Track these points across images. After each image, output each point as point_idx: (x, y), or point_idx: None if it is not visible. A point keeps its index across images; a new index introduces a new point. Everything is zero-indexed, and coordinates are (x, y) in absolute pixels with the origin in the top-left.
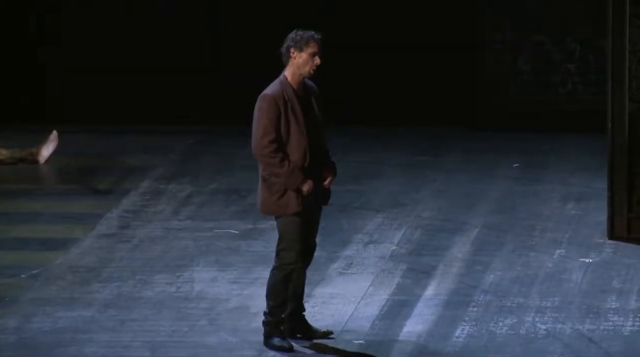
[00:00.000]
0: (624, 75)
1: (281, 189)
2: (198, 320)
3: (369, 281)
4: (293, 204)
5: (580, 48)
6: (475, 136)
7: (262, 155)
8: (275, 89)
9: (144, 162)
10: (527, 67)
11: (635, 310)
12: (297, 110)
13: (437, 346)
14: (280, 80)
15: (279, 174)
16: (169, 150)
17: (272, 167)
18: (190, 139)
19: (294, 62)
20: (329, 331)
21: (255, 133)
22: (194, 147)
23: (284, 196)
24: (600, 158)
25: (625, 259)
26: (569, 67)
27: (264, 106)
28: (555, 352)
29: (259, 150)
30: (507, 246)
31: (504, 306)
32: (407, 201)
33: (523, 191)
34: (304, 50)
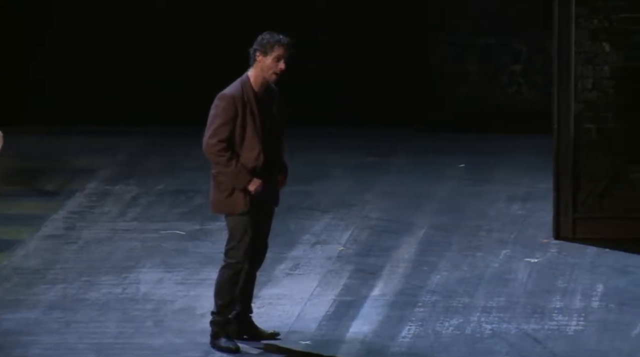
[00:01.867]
0: (570, 76)
1: (229, 188)
2: (144, 321)
3: (316, 282)
4: (241, 203)
5: (527, 49)
6: (422, 137)
7: (210, 153)
8: (235, 89)
9: (90, 164)
10: (474, 68)
11: (579, 310)
12: (255, 112)
13: (383, 346)
14: (242, 81)
15: (226, 173)
16: (116, 152)
17: (219, 165)
18: None
19: (259, 65)
20: (275, 332)
21: (207, 130)
22: (141, 149)
23: (232, 195)
24: (546, 159)
25: (570, 259)
26: (515, 68)
27: (220, 105)
28: (500, 352)
29: (208, 148)
30: (453, 246)
31: (450, 306)
32: (354, 201)
33: (469, 192)
34: (269, 54)
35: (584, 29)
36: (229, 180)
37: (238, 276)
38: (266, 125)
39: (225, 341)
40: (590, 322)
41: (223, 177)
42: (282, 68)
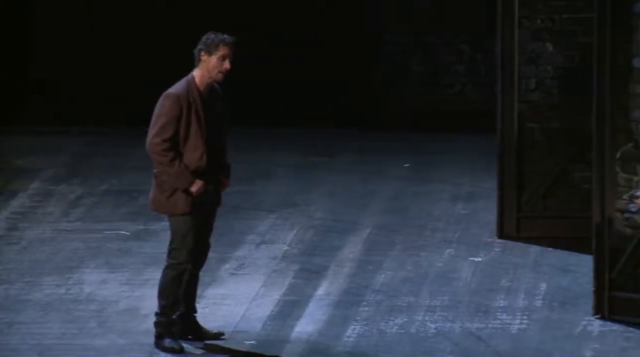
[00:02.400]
0: (513, 76)
1: (171, 188)
2: (87, 322)
3: (261, 282)
4: (182, 204)
5: (470, 49)
6: (367, 137)
7: (153, 152)
8: (180, 88)
9: (33, 164)
10: (417, 68)
11: (522, 308)
12: (200, 111)
13: (328, 346)
14: (188, 80)
15: (169, 173)
16: (60, 152)
17: (162, 165)
18: None
19: (204, 64)
20: (220, 332)
21: (151, 129)
22: (85, 148)
23: (174, 195)
24: (490, 158)
25: (514, 258)
26: (458, 68)
27: (166, 104)
28: (444, 350)
29: (151, 147)
30: (398, 245)
31: (394, 306)
32: (299, 201)
33: (414, 191)
34: (214, 54)
35: (527, 29)
36: (172, 180)
37: (181, 276)
38: (210, 125)
39: (170, 342)
40: (533, 321)
41: (166, 177)
42: (228, 67)
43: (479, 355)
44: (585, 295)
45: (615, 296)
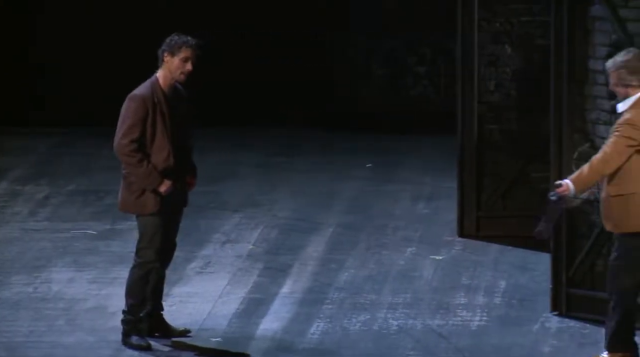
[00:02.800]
0: (473, 77)
1: (140, 189)
2: (56, 320)
3: (226, 280)
4: (151, 204)
5: (431, 52)
6: (330, 137)
7: (122, 153)
8: (145, 90)
9: (0, 164)
10: (380, 70)
11: (482, 305)
12: (165, 112)
13: (292, 343)
14: (152, 82)
15: (137, 174)
16: (27, 152)
17: (131, 166)
18: None
19: (167, 65)
20: (186, 330)
21: (118, 131)
22: (53, 149)
23: (143, 195)
24: (450, 158)
25: (474, 257)
26: (419, 70)
27: (131, 106)
28: (406, 347)
29: (119, 148)
30: (360, 244)
31: (357, 303)
32: (263, 201)
33: (376, 191)
34: (176, 55)
35: (486, 32)
36: (140, 181)
37: (149, 275)
38: (175, 125)
39: (137, 339)
40: (493, 318)
41: (134, 178)
42: (189, 69)
43: (439, 351)
44: (543, 292)
45: (572, 293)
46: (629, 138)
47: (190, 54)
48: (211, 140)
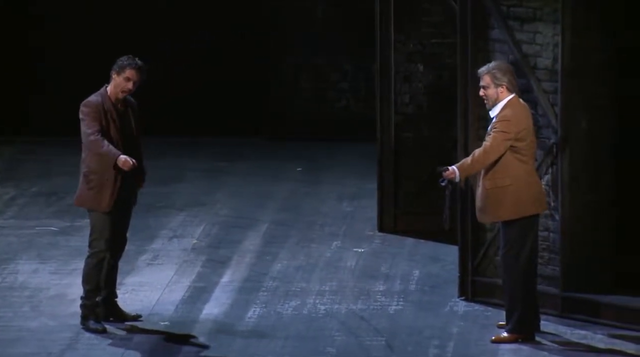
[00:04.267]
0: (390, 92)
1: (97, 186)
2: (21, 307)
3: (173, 271)
4: (105, 202)
5: (353, 69)
6: (265, 145)
7: (90, 142)
8: (96, 98)
9: None
10: (308, 85)
11: (399, 292)
12: (115, 120)
13: (232, 326)
14: (101, 93)
15: (103, 153)
16: None
17: (99, 148)
18: None
19: (113, 82)
20: (138, 315)
21: (84, 133)
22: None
23: (100, 193)
24: (370, 162)
25: (392, 249)
26: (343, 85)
27: (86, 110)
28: (332, 329)
29: (88, 141)
30: (292, 238)
31: (289, 291)
32: (206, 200)
33: (305, 192)
34: (120, 75)
35: (401, 52)
36: (103, 162)
37: (101, 263)
38: (126, 133)
39: (94, 323)
40: (408, 303)
41: (94, 165)
42: (130, 88)
43: (361, 332)
44: (452, 280)
45: (477, 280)
46: (505, 132)
47: (133, 75)
48: (161, 147)
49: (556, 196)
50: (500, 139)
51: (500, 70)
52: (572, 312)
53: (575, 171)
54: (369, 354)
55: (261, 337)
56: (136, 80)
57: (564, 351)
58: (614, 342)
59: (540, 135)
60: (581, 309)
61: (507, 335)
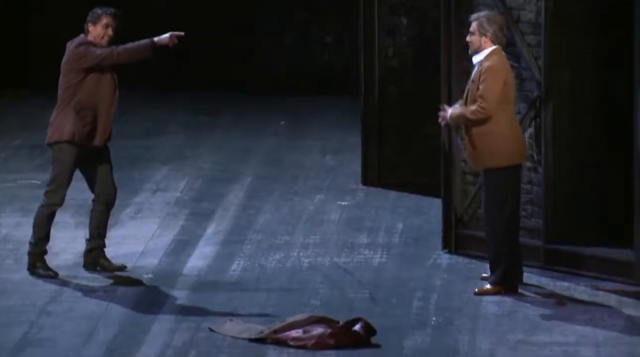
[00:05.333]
0: (374, 46)
1: (92, 121)
2: (5, 259)
3: (157, 224)
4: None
5: (336, 23)
6: (248, 99)
7: (108, 54)
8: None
9: None
10: (292, 40)
11: (382, 245)
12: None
13: (215, 278)
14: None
15: (133, 48)
16: None
17: (123, 50)
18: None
19: (92, 33)
20: (123, 265)
21: (91, 57)
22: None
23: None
24: (354, 117)
25: (375, 202)
26: (326, 39)
27: (86, 39)
28: (316, 281)
29: (105, 55)
30: (275, 192)
31: (273, 244)
32: (189, 154)
33: (289, 146)
34: (97, 24)
35: (385, 4)
36: (136, 51)
37: (53, 215)
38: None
39: (44, 270)
40: (391, 255)
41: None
42: (110, 34)
43: (345, 285)
44: (435, 233)
45: (460, 233)
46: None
47: (109, 21)
48: (145, 100)
49: (539, 149)
50: (495, 90)
51: (489, 21)
52: (555, 264)
53: (558, 124)
54: (353, 306)
55: (245, 290)
56: (114, 26)
57: (547, 303)
58: (597, 294)
59: (524, 88)
60: (564, 261)
61: (490, 287)
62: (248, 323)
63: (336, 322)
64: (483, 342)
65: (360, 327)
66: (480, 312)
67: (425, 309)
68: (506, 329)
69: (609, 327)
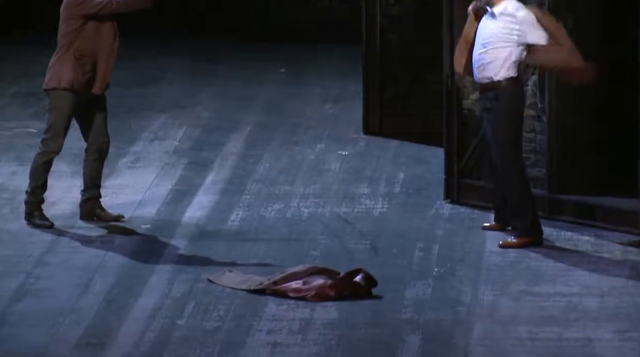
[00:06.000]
0: None
1: (91, 69)
2: (1, 209)
3: (155, 173)
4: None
5: None
6: (247, 47)
7: (108, 4)
8: None
9: None
10: None
11: (383, 195)
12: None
13: (214, 229)
14: None
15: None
16: None
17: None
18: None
19: None
20: (120, 215)
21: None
22: None
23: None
24: (354, 64)
25: (377, 152)
26: None
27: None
28: (316, 232)
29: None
30: (275, 141)
31: (272, 193)
32: (187, 103)
33: (289, 94)
34: None
35: None
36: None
37: (50, 163)
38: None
39: (40, 219)
40: (393, 205)
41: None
42: None
43: (346, 235)
44: (437, 183)
45: (463, 183)
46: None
47: None
48: (142, 48)
49: (543, 96)
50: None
51: None
52: (559, 214)
53: None
54: (354, 257)
55: (244, 241)
56: None
57: (550, 253)
58: (601, 243)
59: None
60: (568, 211)
61: (515, 240)
62: (247, 274)
63: (336, 273)
64: (486, 293)
65: (361, 278)
66: (483, 262)
67: (427, 259)
68: (509, 280)
69: (613, 277)
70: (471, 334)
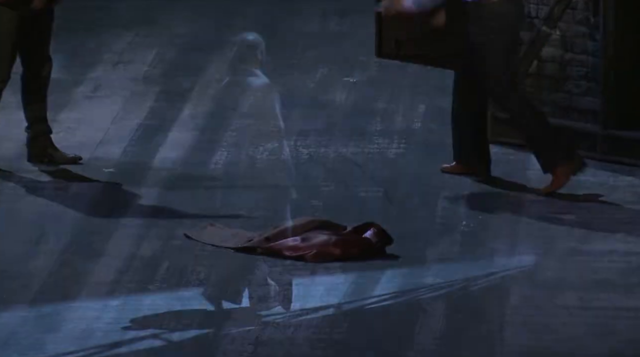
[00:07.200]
0: None
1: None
2: None
3: (119, 105)
4: None
5: None
6: None
7: None
8: None
9: None
10: None
11: (400, 131)
12: None
13: (193, 173)
14: None
15: None
16: None
17: None
18: None
19: None
20: (77, 156)
21: None
22: None
23: None
24: None
25: (392, 78)
26: None
27: None
28: (318, 177)
29: None
30: (267, 65)
31: (264, 130)
32: (159, 18)
33: (283, 7)
34: None
35: None
36: None
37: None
38: None
39: None
40: (411, 145)
41: None
42: None
43: (354, 180)
44: None
45: (499, 116)
46: None
47: None
48: None
49: (596, 9)
50: None
51: None
52: (615, 154)
53: None
54: (364, 208)
55: (229, 188)
56: None
57: (605, 203)
58: None
59: None
60: (627, 151)
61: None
62: (233, 229)
63: (342, 228)
64: (525, 252)
65: (372, 234)
66: (522, 214)
67: (453, 211)
68: (554, 236)
69: None
70: (507, 302)
